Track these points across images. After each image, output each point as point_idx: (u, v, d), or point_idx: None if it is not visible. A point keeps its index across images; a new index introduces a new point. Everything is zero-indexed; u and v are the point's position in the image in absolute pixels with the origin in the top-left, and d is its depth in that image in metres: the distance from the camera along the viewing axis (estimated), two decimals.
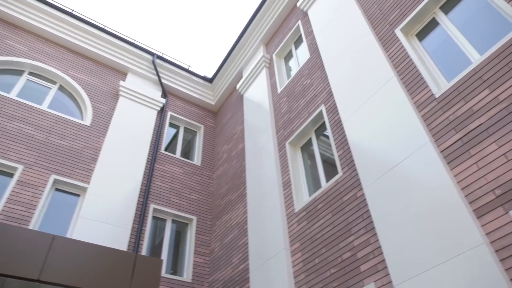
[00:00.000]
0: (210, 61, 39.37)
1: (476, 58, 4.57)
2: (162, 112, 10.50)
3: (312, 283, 5.22)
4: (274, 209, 6.65)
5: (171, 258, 8.17)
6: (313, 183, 6.54)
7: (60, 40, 9.96)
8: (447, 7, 5.36)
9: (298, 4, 8.95)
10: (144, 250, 7.67)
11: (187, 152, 10.69)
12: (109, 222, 7.44)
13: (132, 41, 10.98)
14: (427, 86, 4.87)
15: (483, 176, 3.74)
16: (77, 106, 9.30)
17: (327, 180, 6.19)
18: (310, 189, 6.53)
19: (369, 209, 4.78)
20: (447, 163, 4.16)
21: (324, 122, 6.91)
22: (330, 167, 6.27)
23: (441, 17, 5.35)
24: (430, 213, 3.98)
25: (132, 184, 8.35)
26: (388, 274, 4.23)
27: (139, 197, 8.39)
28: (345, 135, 5.91)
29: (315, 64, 7.62)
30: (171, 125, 10.94)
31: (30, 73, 9.10)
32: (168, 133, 10.66)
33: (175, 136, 10.75)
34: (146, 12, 36.61)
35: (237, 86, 10.58)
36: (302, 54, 8.81)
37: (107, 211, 7.58)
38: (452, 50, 4.99)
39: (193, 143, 10.99)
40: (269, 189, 7.06)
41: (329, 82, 6.77)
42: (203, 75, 11.91)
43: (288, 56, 9.47)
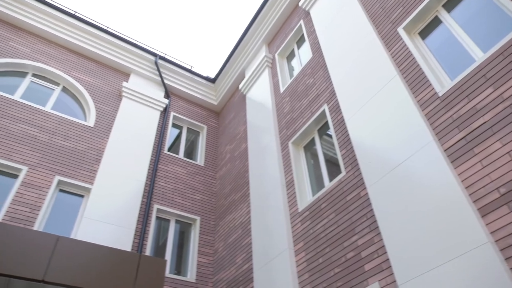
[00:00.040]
0: (213, 62, 39.42)
1: (480, 56, 4.55)
2: (165, 113, 10.52)
3: (316, 283, 5.22)
4: (278, 209, 6.65)
5: (175, 258, 8.19)
6: (316, 183, 6.53)
7: (63, 42, 10.01)
8: (450, 5, 5.33)
9: (300, 4, 8.94)
10: (148, 251, 7.69)
11: (190, 153, 10.71)
12: (113, 223, 7.47)
13: (135, 42, 11.01)
14: (430, 85, 4.85)
15: (487, 175, 3.72)
16: (81, 107, 9.34)
17: (331, 180, 6.18)
18: (314, 189, 6.53)
19: (373, 208, 4.77)
20: (451, 162, 4.15)
21: (327, 122, 6.90)
22: (333, 167, 6.26)
23: (444, 15, 5.33)
24: (434, 212, 3.97)
25: (136, 185, 8.37)
26: (393, 274, 4.22)
27: (143, 198, 8.42)
28: (348, 134, 5.89)
29: (318, 64, 7.61)
30: (174, 126, 10.96)
31: (34, 75, 9.15)
32: (171, 134, 10.68)
33: (178, 137, 10.77)
34: (148, 13, 36.70)
35: (240, 86, 10.59)
36: (305, 54, 8.80)
37: (111, 212, 7.61)
38: (455, 48, 4.97)
39: (196, 144, 11.01)
40: (272, 189, 7.06)
41: (332, 81, 6.76)
42: (206, 76, 11.94)
43: (291, 56, 9.46)
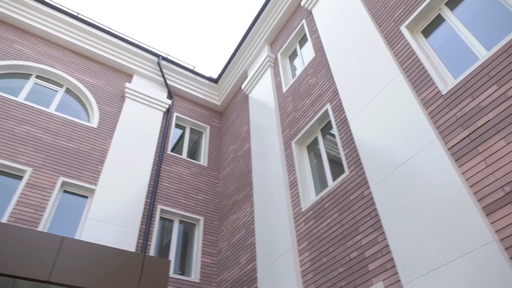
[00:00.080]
0: (215, 62, 39.46)
1: (483, 54, 4.53)
2: (168, 113, 10.54)
3: (320, 282, 5.21)
4: (281, 209, 6.64)
5: (179, 259, 8.20)
6: (320, 182, 6.52)
7: (66, 43, 10.05)
8: (453, 3, 5.31)
9: (303, 3, 8.93)
10: (152, 251, 7.71)
11: (194, 153, 10.72)
12: (117, 223, 7.49)
13: (137, 43, 11.04)
14: (434, 83, 4.83)
15: (492, 173, 3.70)
16: (84, 109, 9.38)
17: (334, 179, 6.17)
18: (317, 188, 6.52)
19: (377, 208, 4.76)
20: (455, 161, 4.13)
21: (330, 121, 6.89)
22: (337, 166, 6.25)
23: (447, 13, 5.31)
24: (438, 211, 3.95)
25: (139, 185, 8.40)
26: (397, 273, 4.20)
27: (147, 198, 8.44)
28: (351, 134, 5.88)
29: (320, 63, 7.60)
30: (177, 126, 10.98)
31: (37, 77, 9.19)
32: (174, 134, 10.70)
33: (181, 137, 10.78)
34: (151, 14, 36.78)
35: (242, 86, 10.59)
36: (307, 53, 8.79)
37: (115, 212, 7.63)
38: (459, 47, 4.95)
39: (199, 144, 11.02)
40: (276, 189, 7.05)
41: (335, 81, 6.75)
42: (208, 76, 11.95)
43: (293, 55, 9.46)
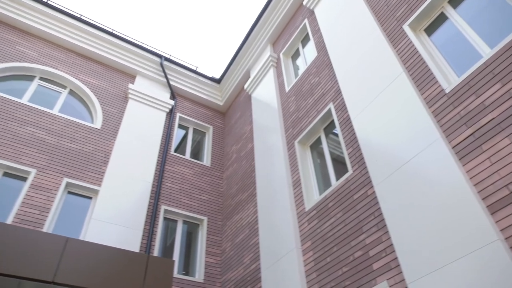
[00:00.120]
0: (218, 62, 39.48)
1: (487, 52, 4.50)
2: (171, 114, 10.56)
3: (324, 282, 5.20)
4: (285, 208, 6.64)
5: (183, 259, 8.22)
6: (323, 182, 6.51)
7: (69, 45, 10.09)
8: (455, 1, 5.28)
9: (305, 3, 8.92)
10: (156, 251, 7.73)
11: (197, 153, 10.73)
12: (121, 224, 7.51)
13: (140, 44, 11.06)
14: (437, 82, 4.81)
15: (496, 172, 3.68)
16: (87, 110, 9.41)
17: (337, 179, 6.16)
18: (320, 188, 6.51)
19: (380, 207, 4.75)
20: (459, 159, 4.11)
21: (333, 120, 6.88)
22: (340, 165, 6.24)
23: (450, 11, 5.28)
24: (443, 210, 3.94)
25: (143, 186, 8.42)
26: (401, 272, 4.19)
27: (150, 199, 8.46)
28: (355, 133, 5.87)
29: (323, 62, 7.59)
30: (180, 127, 11.00)
31: (41, 78, 9.24)
32: (178, 135, 10.72)
33: (185, 137, 10.80)
34: (153, 15, 36.86)
35: (245, 86, 10.59)
36: (310, 53, 8.78)
37: (119, 213, 7.66)
38: (462, 45, 4.93)
39: (202, 144, 11.04)
40: (279, 189, 7.05)
41: (337, 80, 6.73)
42: (211, 76, 11.96)
43: (296, 55, 9.45)
